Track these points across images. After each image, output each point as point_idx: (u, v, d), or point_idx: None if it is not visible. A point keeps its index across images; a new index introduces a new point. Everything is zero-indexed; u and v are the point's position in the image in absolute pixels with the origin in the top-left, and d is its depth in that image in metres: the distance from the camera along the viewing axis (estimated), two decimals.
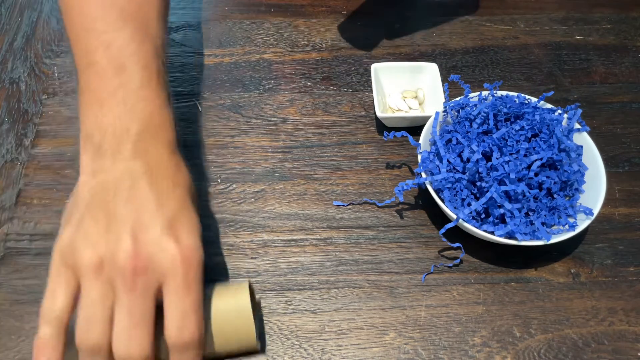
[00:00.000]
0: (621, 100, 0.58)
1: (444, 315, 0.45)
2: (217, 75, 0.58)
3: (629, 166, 0.53)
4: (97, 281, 0.34)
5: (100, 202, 0.36)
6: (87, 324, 0.34)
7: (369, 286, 0.46)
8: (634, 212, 0.51)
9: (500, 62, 0.61)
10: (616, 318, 0.45)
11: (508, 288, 0.46)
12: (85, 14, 0.42)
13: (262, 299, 0.45)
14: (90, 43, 0.41)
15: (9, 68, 0.58)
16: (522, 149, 0.45)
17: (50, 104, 0.56)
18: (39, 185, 0.50)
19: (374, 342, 0.43)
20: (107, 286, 0.34)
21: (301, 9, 0.65)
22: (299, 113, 0.56)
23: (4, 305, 0.44)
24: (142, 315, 0.34)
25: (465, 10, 0.65)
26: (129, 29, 0.41)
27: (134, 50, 0.40)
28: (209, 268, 0.46)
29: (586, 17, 0.66)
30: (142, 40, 0.41)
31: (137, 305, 0.34)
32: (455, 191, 0.45)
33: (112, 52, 0.40)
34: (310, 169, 0.52)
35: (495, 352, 0.43)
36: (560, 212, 0.45)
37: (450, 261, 0.47)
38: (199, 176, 0.51)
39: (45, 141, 0.53)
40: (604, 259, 0.48)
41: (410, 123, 0.54)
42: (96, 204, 0.36)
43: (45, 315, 0.35)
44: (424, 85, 0.57)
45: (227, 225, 0.49)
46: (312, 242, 0.48)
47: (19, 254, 0.46)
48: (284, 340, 0.43)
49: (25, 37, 0.61)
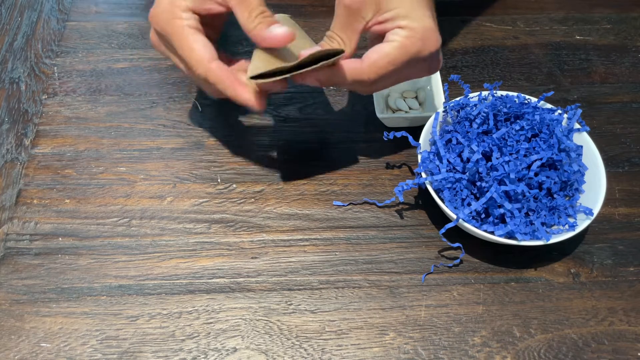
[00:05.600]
0: (621, 100, 0.58)
1: (444, 315, 0.45)
2: None
3: (629, 166, 0.53)
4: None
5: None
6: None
7: (369, 286, 0.46)
8: (634, 212, 0.51)
9: (500, 62, 0.61)
10: (616, 318, 0.45)
11: (508, 288, 0.46)
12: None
13: (262, 299, 0.45)
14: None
15: (9, 68, 0.58)
16: (522, 149, 0.45)
17: (50, 104, 0.56)
18: (39, 185, 0.50)
19: (374, 342, 0.43)
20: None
21: (301, 9, 0.65)
22: (299, 113, 0.56)
23: (4, 305, 0.44)
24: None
25: (465, 10, 0.65)
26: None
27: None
28: (209, 268, 0.46)
29: (586, 17, 0.66)
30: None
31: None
32: (455, 191, 0.45)
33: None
34: (310, 169, 0.52)
35: (495, 352, 0.43)
36: (560, 212, 0.45)
37: (450, 261, 0.47)
38: (199, 176, 0.51)
39: (45, 141, 0.53)
40: (604, 259, 0.48)
41: (410, 123, 0.54)
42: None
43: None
44: (424, 85, 0.57)
45: (227, 225, 0.49)
46: (312, 242, 0.48)
47: (19, 254, 0.46)
48: (284, 340, 0.43)
49: (25, 37, 0.61)
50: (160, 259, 0.47)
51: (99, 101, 0.56)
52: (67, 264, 0.46)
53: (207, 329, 0.43)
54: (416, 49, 0.42)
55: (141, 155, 0.52)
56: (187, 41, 0.41)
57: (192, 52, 0.41)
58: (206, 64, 0.41)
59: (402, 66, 0.42)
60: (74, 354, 0.42)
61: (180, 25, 0.41)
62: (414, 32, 0.41)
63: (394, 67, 0.42)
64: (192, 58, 0.41)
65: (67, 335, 0.43)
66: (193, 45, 0.41)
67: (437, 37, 0.42)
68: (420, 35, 0.41)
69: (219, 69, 0.42)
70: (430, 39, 0.42)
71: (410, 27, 0.41)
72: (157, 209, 0.49)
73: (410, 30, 0.41)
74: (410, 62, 0.42)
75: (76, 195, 0.50)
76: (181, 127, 0.54)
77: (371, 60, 0.41)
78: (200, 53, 0.41)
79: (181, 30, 0.41)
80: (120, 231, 0.48)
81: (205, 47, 0.42)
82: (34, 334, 0.43)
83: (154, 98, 0.56)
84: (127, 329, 0.43)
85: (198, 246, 0.47)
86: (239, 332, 0.43)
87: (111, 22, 0.63)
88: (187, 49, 0.41)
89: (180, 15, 0.42)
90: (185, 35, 0.41)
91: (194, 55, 0.41)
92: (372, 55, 0.42)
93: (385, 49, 0.41)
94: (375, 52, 0.42)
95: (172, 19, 0.42)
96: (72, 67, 0.59)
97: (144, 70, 0.59)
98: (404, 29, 0.41)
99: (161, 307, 0.44)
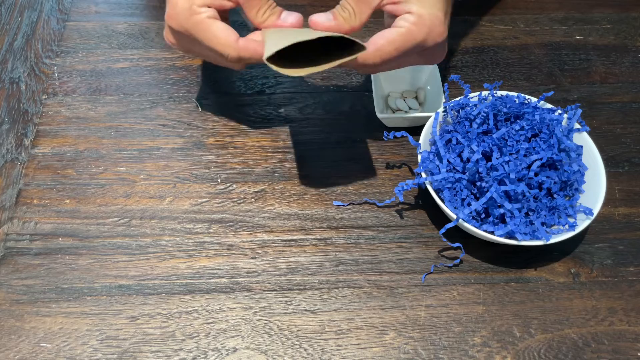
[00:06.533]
0: (621, 100, 0.58)
1: (444, 315, 0.45)
2: (217, 74, 0.58)
3: (629, 166, 0.53)
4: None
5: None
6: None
7: (369, 286, 0.46)
8: (634, 212, 0.51)
9: (500, 62, 0.61)
10: (616, 318, 0.45)
11: (508, 288, 0.46)
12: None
13: (262, 299, 0.45)
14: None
15: (9, 68, 0.58)
16: (522, 149, 0.45)
17: (50, 104, 0.56)
18: (39, 185, 0.50)
19: (374, 342, 0.43)
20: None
21: (301, 9, 0.65)
22: (299, 113, 0.56)
23: (4, 305, 0.44)
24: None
25: (465, 10, 0.65)
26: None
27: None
28: (209, 268, 0.46)
29: (586, 17, 0.66)
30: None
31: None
32: (455, 191, 0.45)
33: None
34: (310, 169, 0.52)
35: (495, 352, 0.43)
36: (560, 212, 0.45)
37: (450, 261, 0.47)
38: (199, 176, 0.51)
39: (45, 141, 0.53)
40: (604, 259, 0.48)
41: (410, 123, 0.54)
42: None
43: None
44: (424, 85, 0.57)
45: (227, 225, 0.49)
46: (312, 242, 0.48)
47: (19, 254, 0.46)
48: (284, 340, 0.43)
49: (25, 37, 0.61)
50: (160, 259, 0.47)
51: (99, 101, 0.56)
52: (67, 264, 0.46)
53: (207, 329, 0.43)
54: (422, 37, 0.42)
55: (141, 155, 0.52)
56: (211, 30, 0.43)
57: (218, 39, 0.43)
58: (234, 44, 0.43)
59: (407, 52, 0.43)
60: (74, 354, 0.42)
61: (200, 19, 0.43)
62: (421, 19, 0.42)
63: (399, 53, 0.43)
64: (220, 44, 0.43)
65: (67, 335, 0.43)
66: (217, 32, 0.43)
67: (443, 28, 0.43)
68: (427, 24, 0.42)
69: (247, 44, 0.43)
70: (436, 28, 0.43)
71: (418, 14, 0.42)
72: (157, 209, 0.49)
73: (419, 17, 0.42)
74: (415, 49, 0.43)
75: (76, 195, 0.50)
76: (181, 127, 0.54)
77: (377, 46, 0.42)
78: (226, 36, 0.43)
79: (202, 22, 0.43)
80: (120, 231, 0.48)
81: (227, 31, 0.43)
82: (34, 334, 0.43)
83: (154, 98, 0.56)
84: (127, 329, 0.43)
85: (198, 246, 0.47)
86: (239, 332, 0.43)
87: (111, 22, 0.63)
88: (213, 37, 0.43)
89: (198, 11, 0.43)
90: (208, 26, 0.43)
91: (221, 41, 0.43)
92: (379, 41, 0.42)
93: (392, 35, 0.42)
94: (382, 37, 0.42)
95: (191, 16, 0.43)
96: (72, 67, 0.59)
97: (144, 70, 0.59)
98: (413, 14, 0.42)
99: (161, 307, 0.44)
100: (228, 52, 0.43)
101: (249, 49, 0.43)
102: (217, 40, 0.43)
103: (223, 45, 0.43)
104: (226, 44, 0.43)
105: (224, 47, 0.43)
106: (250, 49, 0.43)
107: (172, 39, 0.47)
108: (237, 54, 0.43)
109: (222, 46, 0.43)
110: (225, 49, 0.43)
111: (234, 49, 0.43)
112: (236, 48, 0.43)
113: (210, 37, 0.43)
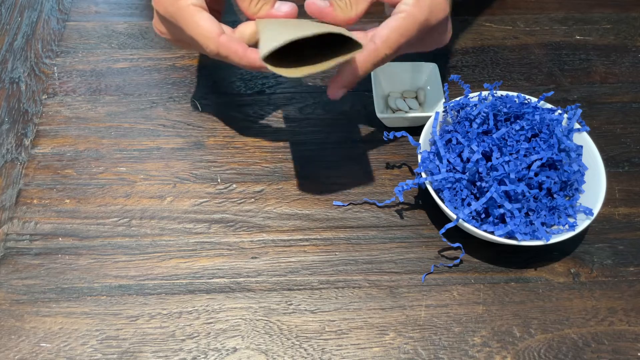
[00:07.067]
0: (621, 100, 0.58)
1: (444, 315, 0.45)
2: (217, 74, 0.58)
3: (629, 166, 0.53)
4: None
5: None
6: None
7: (369, 286, 0.46)
8: (634, 212, 0.51)
9: (500, 62, 0.61)
10: (616, 318, 0.45)
11: (508, 288, 0.46)
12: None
13: (262, 299, 0.45)
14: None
15: (9, 68, 0.58)
16: (522, 149, 0.45)
17: (50, 104, 0.56)
18: (39, 185, 0.50)
19: (374, 342, 0.43)
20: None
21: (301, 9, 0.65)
22: (298, 113, 0.56)
23: (4, 305, 0.44)
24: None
25: (465, 10, 0.65)
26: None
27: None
28: (209, 268, 0.46)
29: (586, 17, 0.66)
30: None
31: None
32: (455, 191, 0.45)
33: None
34: (310, 169, 0.52)
35: (495, 352, 0.43)
36: (560, 212, 0.45)
37: (450, 261, 0.47)
38: (199, 176, 0.51)
39: (45, 141, 0.53)
40: (604, 259, 0.48)
41: (410, 123, 0.54)
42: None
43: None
44: (424, 85, 0.57)
45: (227, 225, 0.49)
46: (312, 242, 0.48)
47: (19, 254, 0.46)
48: (284, 340, 0.43)
49: (25, 37, 0.61)
50: (160, 259, 0.47)
51: (99, 101, 0.56)
52: (67, 264, 0.46)
53: (207, 329, 0.43)
54: (424, 17, 0.42)
55: (141, 155, 0.52)
56: (194, 19, 0.42)
57: (200, 29, 0.41)
58: (216, 38, 0.41)
59: (413, 36, 0.43)
60: (74, 354, 0.42)
61: (185, 5, 0.42)
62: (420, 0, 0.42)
63: (406, 38, 0.42)
64: (201, 34, 0.41)
65: (67, 335, 0.43)
66: (200, 22, 0.41)
67: (445, 4, 0.43)
68: (428, 2, 0.42)
69: (229, 42, 0.42)
70: (438, 5, 0.43)
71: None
72: (157, 209, 0.49)
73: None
74: (420, 32, 0.43)
75: (76, 195, 0.50)
76: (181, 127, 0.54)
77: (383, 38, 0.42)
78: (208, 27, 0.41)
79: (186, 8, 0.42)
80: (120, 231, 0.48)
81: (211, 23, 0.42)
82: (34, 334, 0.43)
83: (154, 98, 0.56)
84: (127, 329, 0.43)
85: (198, 246, 0.47)
86: (239, 332, 0.43)
87: (111, 22, 0.63)
88: (195, 26, 0.42)
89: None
90: (192, 13, 0.42)
91: (202, 32, 0.41)
92: (383, 32, 0.42)
93: (395, 22, 0.42)
94: (386, 27, 0.42)
95: (176, 1, 0.42)
96: (72, 67, 0.59)
97: (144, 70, 0.59)
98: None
99: (161, 307, 0.44)
100: (207, 44, 0.42)
101: (229, 48, 0.41)
102: (198, 30, 0.41)
103: (204, 36, 0.41)
104: (207, 35, 0.41)
105: (205, 38, 0.41)
106: (231, 48, 0.41)
107: (160, 26, 0.46)
108: (217, 49, 0.42)
109: (202, 37, 0.41)
110: (205, 40, 0.41)
111: (214, 42, 0.41)
112: (216, 42, 0.41)
113: (192, 26, 0.42)
